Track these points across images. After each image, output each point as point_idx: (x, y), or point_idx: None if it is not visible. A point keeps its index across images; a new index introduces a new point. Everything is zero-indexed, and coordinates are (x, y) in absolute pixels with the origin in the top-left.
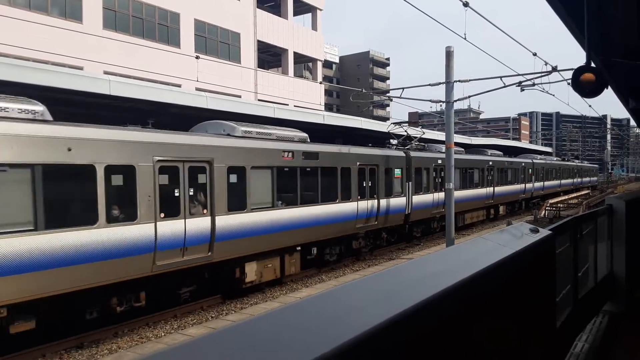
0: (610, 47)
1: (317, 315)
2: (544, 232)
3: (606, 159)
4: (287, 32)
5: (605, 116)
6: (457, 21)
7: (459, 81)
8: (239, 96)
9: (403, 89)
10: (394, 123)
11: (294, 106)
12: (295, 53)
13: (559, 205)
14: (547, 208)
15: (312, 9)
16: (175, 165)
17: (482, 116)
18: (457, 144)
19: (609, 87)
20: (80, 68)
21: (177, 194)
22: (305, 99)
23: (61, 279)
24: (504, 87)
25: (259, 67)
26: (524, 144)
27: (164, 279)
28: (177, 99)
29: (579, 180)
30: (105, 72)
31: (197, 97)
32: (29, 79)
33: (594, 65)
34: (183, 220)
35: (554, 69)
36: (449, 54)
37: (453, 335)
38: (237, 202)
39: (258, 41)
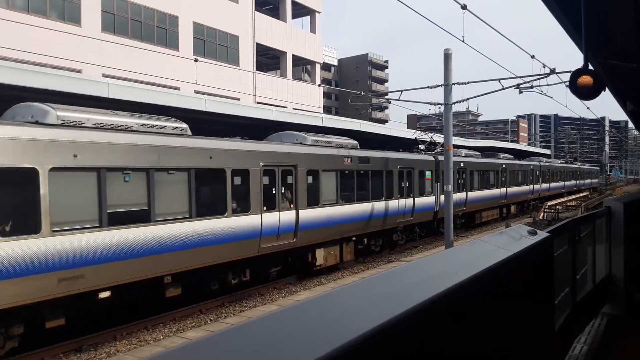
0: (608, 50)
1: (316, 318)
2: (542, 235)
3: (604, 161)
4: (286, 35)
5: (603, 118)
6: (455, 24)
7: (457, 84)
8: (238, 99)
9: (401, 91)
10: (419, 130)
11: (293, 109)
12: (293, 56)
13: (557, 207)
14: (545, 210)
15: (310, 12)
16: (273, 169)
17: (480, 118)
18: (472, 148)
19: (607, 89)
20: (79, 71)
21: (274, 192)
22: (304, 101)
23: (203, 256)
24: (502, 89)
25: (257, 69)
26: (522, 146)
27: (262, 259)
28: (176, 102)
29: (582, 181)
30: (104, 75)
31: (197, 99)
32: (30, 82)
33: (591, 68)
34: (278, 212)
35: (552, 72)
36: (447, 57)
37: (451, 338)
38: (313, 199)
39: (257, 44)
